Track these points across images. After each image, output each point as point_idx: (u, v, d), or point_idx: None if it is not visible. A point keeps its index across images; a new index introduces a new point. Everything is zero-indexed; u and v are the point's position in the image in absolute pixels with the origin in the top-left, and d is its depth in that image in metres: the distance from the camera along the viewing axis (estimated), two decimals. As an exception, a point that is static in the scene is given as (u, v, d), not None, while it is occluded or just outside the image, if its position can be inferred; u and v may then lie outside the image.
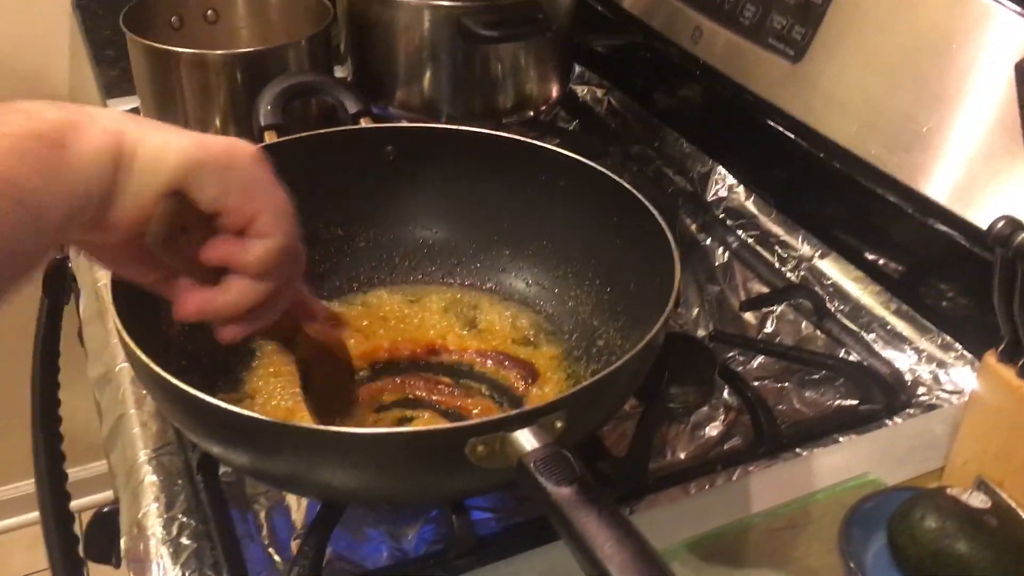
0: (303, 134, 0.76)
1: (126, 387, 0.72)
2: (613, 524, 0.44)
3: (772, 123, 0.89)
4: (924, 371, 0.77)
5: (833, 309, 0.84)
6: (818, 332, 0.83)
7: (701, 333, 0.86)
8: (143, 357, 0.54)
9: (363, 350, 0.73)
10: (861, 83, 0.78)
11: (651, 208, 0.69)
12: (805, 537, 0.62)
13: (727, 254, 0.93)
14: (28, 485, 1.83)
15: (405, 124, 0.78)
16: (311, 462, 0.54)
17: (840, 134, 0.81)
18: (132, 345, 0.54)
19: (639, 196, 0.70)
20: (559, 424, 0.52)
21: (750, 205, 0.96)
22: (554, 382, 0.71)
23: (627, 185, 0.71)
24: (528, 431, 0.50)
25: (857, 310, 0.83)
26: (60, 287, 0.99)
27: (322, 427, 0.55)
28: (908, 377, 0.77)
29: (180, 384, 0.52)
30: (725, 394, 0.78)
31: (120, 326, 0.55)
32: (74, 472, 0.99)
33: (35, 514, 1.86)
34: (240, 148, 0.49)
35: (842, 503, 0.62)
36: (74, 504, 0.92)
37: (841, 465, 0.68)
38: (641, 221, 0.70)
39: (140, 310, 0.58)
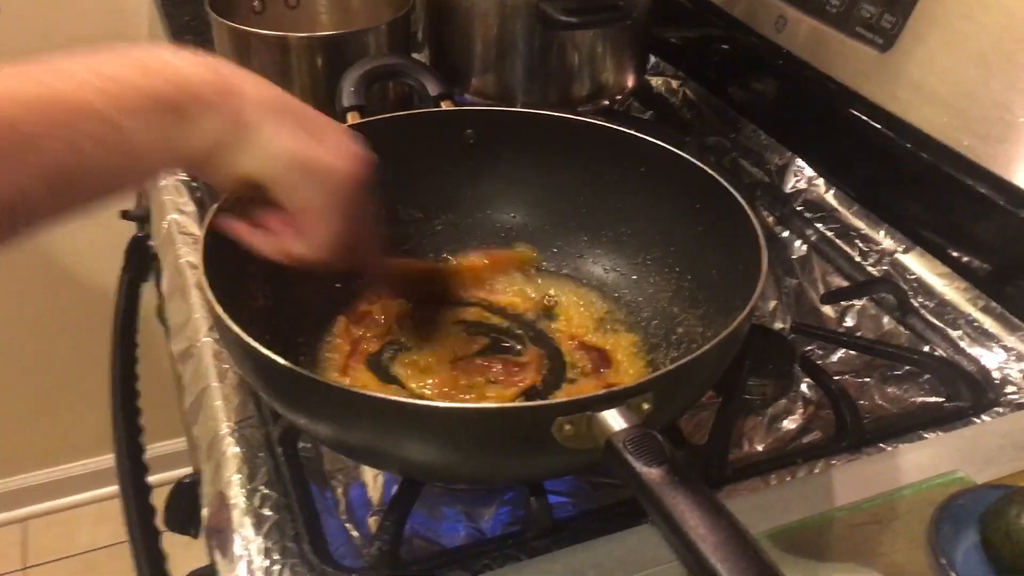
0: (385, 115, 0.77)
1: (208, 361, 0.73)
2: (706, 505, 0.44)
3: (857, 113, 0.87)
4: (1013, 369, 0.75)
5: (917, 304, 0.82)
6: (901, 328, 0.81)
7: (778, 326, 0.84)
8: (236, 328, 0.54)
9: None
10: (953, 72, 0.77)
11: (736, 195, 0.68)
12: (890, 533, 0.61)
13: (805, 247, 0.91)
14: (95, 462, 1.88)
15: (486, 107, 0.78)
16: (396, 435, 0.54)
17: (930, 125, 0.80)
18: (225, 318, 0.55)
19: (724, 183, 0.69)
20: (646, 406, 0.51)
21: (830, 198, 0.94)
22: (633, 369, 0.71)
23: (712, 172, 0.70)
24: (616, 411, 0.50)
25: (942, 306, 0.81)
26: (140, 264, 1.01)
27: (406, 400, 0.56)
28: (996, 375, 0.75)
29: (271, 355, 0.53)
30: (803, 388, 0.77)
31: (214, 299, 0.56)
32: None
33: (100, 491, 1.92)
34: (335, 173, 0.52)
35: (929, 500, 0.61)
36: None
37: (927, 462, 0.66)
38: (725, 209, 0.69)
39: (229, 285, 0.59)
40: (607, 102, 1.05)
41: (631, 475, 0.47)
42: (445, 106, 0.80)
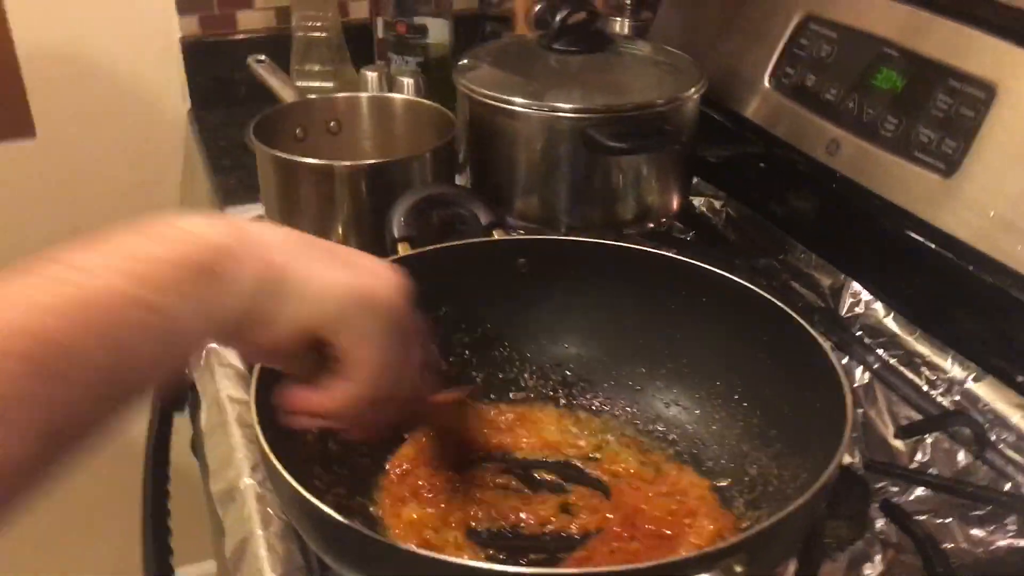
0: (437, 246, 0.75)
1: (251, 506, 0.69)
2: None
3: (917, 236, 0.84)
4: (1108, 511, 0.70)
5: (995, 438, 0.77)
6: (978, 463, 0.77)
7: (847, 460, 0.80)
8: (291, 481, 0.52)
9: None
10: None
11: (811, 330, 0.65)
12: None
13: (868, 375, 0.87)
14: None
15: (539, 236, 0.76)
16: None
17: (999, 251, 0.77)
18: (281, 470, 0.52)
19: (796, 317, 0.67)
20: (739, 568, 0.47)
21: (890, 323, 0.91)
22: (705, 515, 0.66)
23: (783, 305, 0.68)
24: (709, 578, 0.46)
25: (1022, 440, 0.77)
26: (175, 392, 0.98)
27: (474, 563, 0.52)
28: (1090, 517, 0.70)
29: (329, 511, 0.50)
30: (878, 526, 0.72)
31: (268, 451, 0.53)
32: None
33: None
34: (381, 298, 0.50)
35: (1040, 664, 0.56)
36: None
37: (1030, 618, 0.61)
38: (796, 342, 0.66)
39: (280, 427, 0.56)
40: (652, 225, 1.03)
41: (735, 655, 0.42)
42: (497, 235, 0.78)
